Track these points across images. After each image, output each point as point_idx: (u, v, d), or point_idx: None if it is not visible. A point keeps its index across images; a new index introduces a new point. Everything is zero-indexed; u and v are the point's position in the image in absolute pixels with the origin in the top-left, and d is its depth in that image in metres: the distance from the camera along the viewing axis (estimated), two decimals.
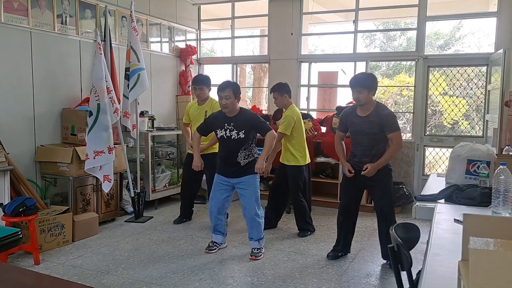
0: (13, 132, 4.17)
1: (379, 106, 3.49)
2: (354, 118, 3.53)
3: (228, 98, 3.59)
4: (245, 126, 3.63)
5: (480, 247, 0.96)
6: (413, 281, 1.74)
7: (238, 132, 3.63)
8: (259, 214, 3.80)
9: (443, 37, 11.50)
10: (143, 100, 5.47)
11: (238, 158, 3.68)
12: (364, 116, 3.47)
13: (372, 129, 3.44)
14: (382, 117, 3.41)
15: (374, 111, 3.44)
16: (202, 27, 7.01)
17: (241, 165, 3.70)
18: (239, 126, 3.64)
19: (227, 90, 3.60)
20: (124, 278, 3.34)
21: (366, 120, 3.45)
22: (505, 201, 2.11)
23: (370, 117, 3.44)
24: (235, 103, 3.66)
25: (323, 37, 11.47)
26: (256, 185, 3.78)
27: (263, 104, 8.47)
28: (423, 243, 2.16)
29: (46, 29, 4.46)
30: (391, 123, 3.42)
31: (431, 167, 6.12)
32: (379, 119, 3.41)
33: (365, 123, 3.45)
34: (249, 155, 3.72)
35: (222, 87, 3.63)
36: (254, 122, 3.68)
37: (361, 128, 3.48)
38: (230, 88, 3.61)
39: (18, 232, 2.98)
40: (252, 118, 3.70)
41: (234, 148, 3.67)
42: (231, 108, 3.64)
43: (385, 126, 3.42)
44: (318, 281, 3.34)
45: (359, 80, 3.45)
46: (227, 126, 3.66)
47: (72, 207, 4.30)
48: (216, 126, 3.74)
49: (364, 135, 3.47)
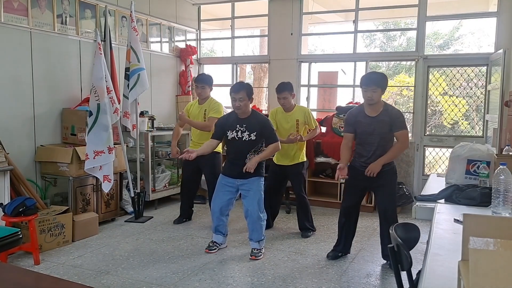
0: (13, 132, 4.17)
1: (387, 106, 3.49)
2: (363, 118, 3.48)
3: (242, 100, 3.60)
4: (257, 129, 3.64)
5: (480, 247, 0.96)
6: (413, 281, 1.74)
7: (250, 134, 3.63)
8: (261, 217, 3.80)
9: (442, 37, 11.50)
10: (143, 100, 5.47)
11: (246, 160, 3.68)
12: (374, 116, 3.43)
13: (383, 129, 3.42)
14: (392, 116, 3.41)
15: (384, 110, 3.43)
16: (202, 27, 7.01)
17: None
18: (251, 128, 3.64)
19: (241, 92, 3.60)
20: (124, 278, 3.34)
21: (377, 120, 3.42)
22: (505, 201, 2.11)
23: (381, 116, 3.42)
24: (248, 104, 3.68)
25: (323, 37, 11.49)
26: (260, 188, 3.77)
27: (263, 104, 8.47)
28: (423, 243, 2.16)
29: (46, 29, 4.46)
30: (400, 121, 3.42)
31: (431, 167, 6.12)
32: (389, 118, 3.40)
33: (376, 123, 3.42)
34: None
35: (236, 89, 3.63)
36: (265, 127, 3.69)
37: (372, 128, 3.44)
38: (244, 91, 3.62)
39: (18, 232, 2.98)
40: (265, 123, 3.71)
41: (244, 149, 3.66)
42: (244, 110, 3.65)
43: (394, 124, 3.40)
44: (318, 281, 3.34)
45: (374, 80, 3.38)
46: (239, 128, 3.66)
47: (72, 207, 4.30)
48: (228, 127, 3.72)
49: (375, 135, 3.44)
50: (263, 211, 3.84)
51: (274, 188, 4.55)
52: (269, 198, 4.60)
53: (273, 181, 4.53)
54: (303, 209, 4.48)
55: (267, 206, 4.60)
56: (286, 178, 4.52)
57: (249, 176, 3.70)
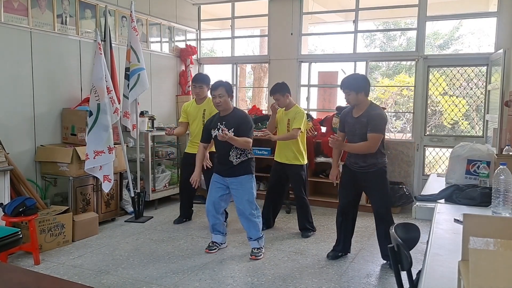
0: (13, 132, 4.17)
1: (372, 107, 3.48)
2: (349, 118, 3.56)
3: (221, 96, 3.69)
4: (235, 124, 3.68)
5: (480, 247, 0.96)
6: (413, 281, 1.74)
7: (229, 130, 3.66)
8: (254, 213, 3.80)
9: (442, 37, 11.51)
10: (143, 100, 5.47)
11: (230, 157, 3.70)
12: (357, 116, 3.48)
13: (363, 130, 3.42)
14: (369, 117, 3.40)
15: (365, 112, 3.45)
16: (202, 27, 7.01)
17: (234, 164, 3.71)
18: (230, 124, 3.70)
19: (219, 89, 3.70)
20: (124, 278, 3.34)
21: (358, 121, 3.46)
22: (505, 201, 2.11)
23: (361, 117, 3.45)
24: (228, 101, 3.74)
25: (323, 37, 11.50)
26: (249, 186, 3.77)
27: (263, 104, 8.47)
28: (423, 243, 2.16)
29: (46, 29, 4.46)
30: (374, 123, 3.37)
31: (431, 167, 6.12)
32: (367, 119, 3.41)
33: (357, 124, 3.47)
34: (241, 154, 3.73)
35: (215, 86, 3.75)
36: (242, 122, 3.70)
37: (354, 128, 3.50)
38: (223, 87, 3.72)
39: (18, 232, 2.98)
40: (241, 118, 3.74)
41: (226, 146, 3.68)
42: (224, 106, 3.72)
43: (369, 125, 3.38)
44: (318, 281, 3.34)
45: (345, 83, 3.48)
46: (219, 125, 3.72)
47: (72, 207, 4.30)
48: (211, 126, 3.81)
49: (356, 135, 3.48)
50: (256, 208, 3.83)
51: (275, 187, 4.56)
52: (270, 197, 4.61)
53: (274, 179, 4.55)
54: (303, 210, 4.49)
55: (269, 205, 4.62)
56: (287, 177, 4.52)
57: (237, 175, 3.73)
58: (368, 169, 3.50)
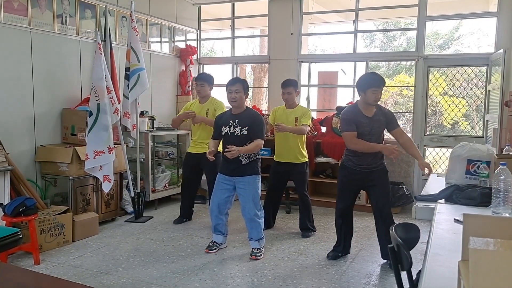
0: (13, 132, 4.17)
1: (379, 105, 3.57)
2: (362, 118, 3.48)
3: (238, 92, 3.70)
4: (248, 123, 3.68)
5: (480, 247, 0.96)
6: (413, 281, 1.74)
7: (242, 128, 3.67)
8: (258, 214, 3.80)
9: (442, 37, 11.50)
10: (143, 100, 5.47)
11: (239, 156, 3.67)
12: (371, 116, 3.49)
13: (380, 128, 3.52)
14: (388, 115, 3.53)
15: (378, 110, 3.52)
16: (202, 27, 7.01)
17: (242, 164, 3.70)
18: (243, 122, 3.69)
19: (237, 85, 3.72)
20: (124, 278, 3.34)
21: (374, 120, 3.48)
22: (505, 201, 2.11)
23: (377, 116, 3.49)
24: (243, 98, 3.76)
25: (323, 37, 11.50)
26: (256, 186, 3.77)
27: (263, 104, 8.47)
28: (423, 243, 2.16)
29: (46, 29, 4.46)
30: (395, 118, 3.58)
31: (431, 167, 6.12)
32: (385, 117, 3.51)
33: (374, 123, 3.48)
34: (250, 154, 3.72)
35: (232, 82, 3.76)
36: (255, 122, 3.72)
37: (370, 128, 3.47)
38: (241, 84, 3.74)
39: (18, 232, 2.98)
40: (256, 117, 3.75)
41: (237, 145, 3.64)
42: (239, 103, 3.72)
43: (391, 122, 3.52)
44: (318, 281, 3.34)
45: (381, 80, 3.45)
46: (232, 123, 3.71)
47: (72, 207, 4.30)
48: (222, 124, 3.79)
49: (371, 135, 3.49)
50: (260, 208, 3.84)
51: (276, 187, 4.56)
52: (270, 197, 4.61)
53: (275, 180, 4.54)
54: (306, 209, 4.48)
55: (269, 205, 4.61)
56: (288, 178, 4.52)
57: (245, 174, 3.72)
58: (377, 167, 3.56)
